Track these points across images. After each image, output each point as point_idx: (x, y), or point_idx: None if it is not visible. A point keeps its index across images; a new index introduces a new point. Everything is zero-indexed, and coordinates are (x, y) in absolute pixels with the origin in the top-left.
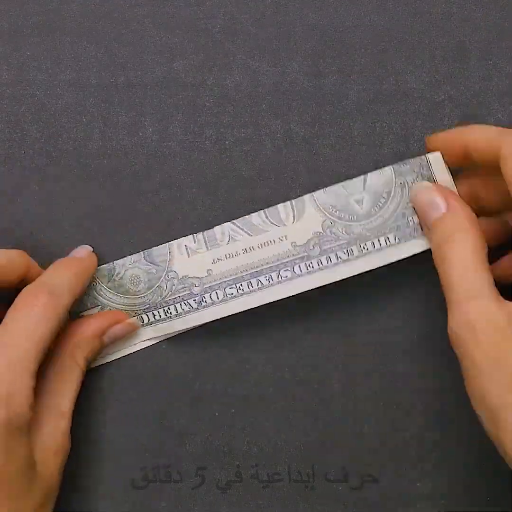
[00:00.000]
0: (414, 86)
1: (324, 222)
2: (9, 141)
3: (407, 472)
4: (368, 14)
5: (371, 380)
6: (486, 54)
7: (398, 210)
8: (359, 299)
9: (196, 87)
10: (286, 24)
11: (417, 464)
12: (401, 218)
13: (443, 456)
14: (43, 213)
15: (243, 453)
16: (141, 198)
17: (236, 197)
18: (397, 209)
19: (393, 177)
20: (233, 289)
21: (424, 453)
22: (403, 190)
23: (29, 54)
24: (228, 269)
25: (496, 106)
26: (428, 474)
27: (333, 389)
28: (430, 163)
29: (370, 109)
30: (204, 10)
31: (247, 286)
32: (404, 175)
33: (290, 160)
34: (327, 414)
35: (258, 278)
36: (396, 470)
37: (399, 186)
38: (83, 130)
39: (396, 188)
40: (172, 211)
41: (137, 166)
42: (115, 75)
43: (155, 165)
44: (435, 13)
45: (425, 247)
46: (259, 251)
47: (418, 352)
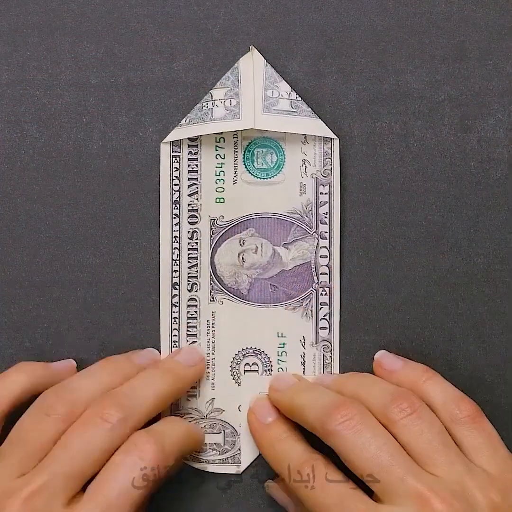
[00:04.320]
0: (414, 86)
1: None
2: (9, 141)
3: None
4: (368, 14)
5: None
6: (486, 54)
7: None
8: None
9: (196, 87)
10: (286, 24)
11: None
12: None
13: None
14: (43, 213)
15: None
16: (141, 198)
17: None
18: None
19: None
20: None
21: None
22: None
23: (29, 54)
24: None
25: (496, 106)
26: None
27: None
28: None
29: (370, 109)
30: (204, 10)
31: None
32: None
33: None
34: None
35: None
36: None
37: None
38: (83, 130)
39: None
40: None
41: (137, 166)
42: (115, 75)
43: (155, 165)
44: (435, 13)
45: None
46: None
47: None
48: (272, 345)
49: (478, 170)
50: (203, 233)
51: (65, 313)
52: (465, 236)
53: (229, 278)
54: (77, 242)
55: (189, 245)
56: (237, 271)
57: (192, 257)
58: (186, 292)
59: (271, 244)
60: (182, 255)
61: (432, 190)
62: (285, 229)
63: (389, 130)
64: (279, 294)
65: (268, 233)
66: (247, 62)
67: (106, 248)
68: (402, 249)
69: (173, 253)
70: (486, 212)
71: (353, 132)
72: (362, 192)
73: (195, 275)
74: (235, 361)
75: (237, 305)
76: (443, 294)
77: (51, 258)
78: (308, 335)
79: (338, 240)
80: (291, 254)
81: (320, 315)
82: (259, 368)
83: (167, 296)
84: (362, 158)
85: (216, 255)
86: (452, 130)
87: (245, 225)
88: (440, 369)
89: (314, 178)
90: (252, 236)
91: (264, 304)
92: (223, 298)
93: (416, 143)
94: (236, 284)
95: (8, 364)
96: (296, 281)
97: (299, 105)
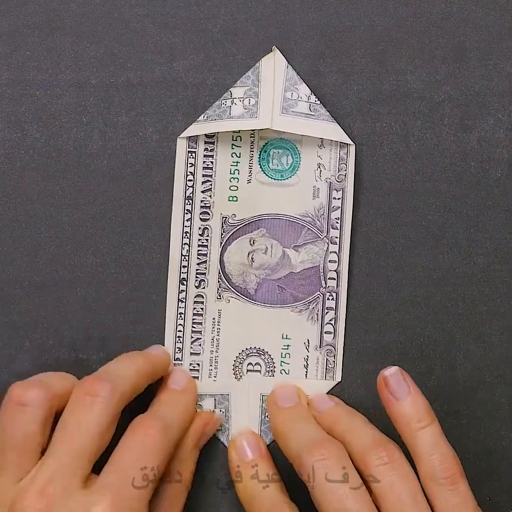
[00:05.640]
0: (414, 86)
1: None
2: (9, 141)
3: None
4: (368, 14)
5: (371, 380)
6: (486, 54)
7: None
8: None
9: (196, 87)
10: (286, 24)
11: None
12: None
13: None
14: (43, 213)
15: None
16: (141, 198)
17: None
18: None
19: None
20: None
21: None
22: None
23: (29, 54)
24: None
25: (496, 106)
26: None
27: (333, 389)
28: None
29: (370, 109)
30: (204, 10)
31: None
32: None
33: None
34: None
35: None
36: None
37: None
38: (83, 130)
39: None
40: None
41: (137, 166)
42: (115, 75)
43: (155, 165)
44: (435, 13)
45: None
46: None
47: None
48: (276, 346)
49: (478, 170)
50: (214, 230)
51: (65, 313)
52: (465, 236)
53: (237, 277)
54: (77, 242)
55: (200, 241)
56: (245, 270)
57: (202, 253)
58: (193, 288)
59: (281, 245)
60: (192, 251)
61: (432, 190)
62: (296, 232)
63: (389, 130)
64: (286, 296)
65: (279, 235)
66: (269, 63)
67: (106, 248)
68: (402, 249)
69: (182, 249)
70: (486, 212)
71: (353, 132)
72: (362, 192)
73: (203, 271)
74: (238, 360)
75: (243, 304)
76: (443, 294)
77: (51, 258)
78: (312, 339)
79: (348, 246)
80: (300, 257)
81: (326, 319)
82: (262, 368)
83: (174, 292)
84: (362, 158)
85: (226, 253)
86: (452, 130)
87: (256, 225)
88: (440, 369)
89: (328, 183)
90: (262, 237)
91: (271, 305)
92: (230, 296)
93: (416, 143)
94: (244, 283)
95: (8, 364)
96: (304, 284)
97: (318, 109)
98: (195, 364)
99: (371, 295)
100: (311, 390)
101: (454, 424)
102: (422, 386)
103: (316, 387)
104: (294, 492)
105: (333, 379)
